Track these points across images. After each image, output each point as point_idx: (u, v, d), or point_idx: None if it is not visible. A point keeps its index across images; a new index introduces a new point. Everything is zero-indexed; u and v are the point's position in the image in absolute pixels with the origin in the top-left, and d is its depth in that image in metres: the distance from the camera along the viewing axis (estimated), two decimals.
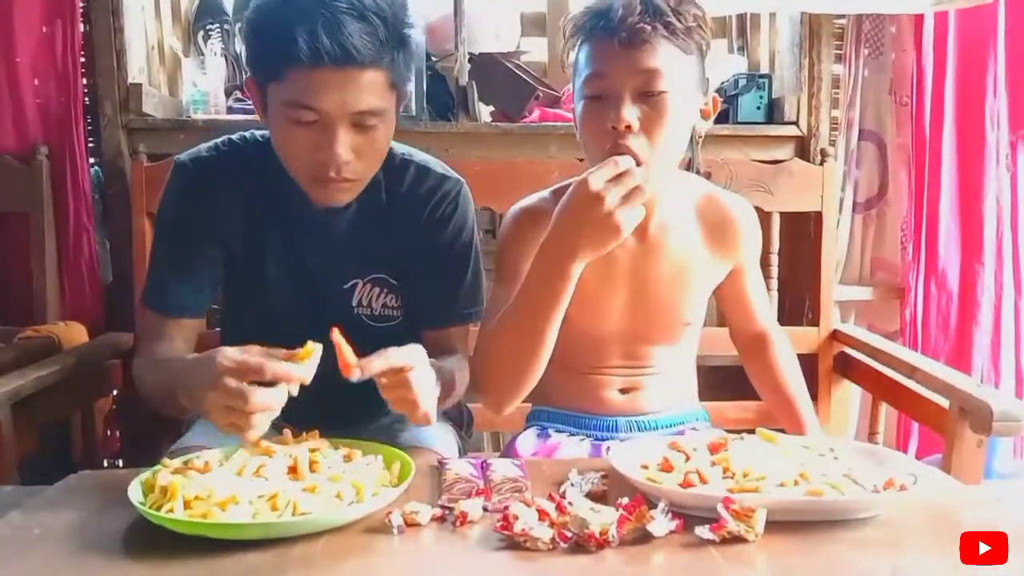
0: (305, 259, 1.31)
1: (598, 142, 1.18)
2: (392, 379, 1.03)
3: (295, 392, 0.97)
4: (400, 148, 1.33)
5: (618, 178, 1.07)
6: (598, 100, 1.18)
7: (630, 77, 1.16)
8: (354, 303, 1.33)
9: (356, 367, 1.02)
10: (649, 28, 1.15)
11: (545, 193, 1.35)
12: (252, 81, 1.20)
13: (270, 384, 0.96)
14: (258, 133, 1.33)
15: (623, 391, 1.38)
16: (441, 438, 1.39)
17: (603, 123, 1.17)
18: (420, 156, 1.35)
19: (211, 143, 1.33)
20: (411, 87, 1.34)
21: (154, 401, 1.21)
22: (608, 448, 1.32)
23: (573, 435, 1.38)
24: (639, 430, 1.36)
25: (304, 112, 1.12)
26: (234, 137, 1.34)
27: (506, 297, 1.23)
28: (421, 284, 1.33)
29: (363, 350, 1.25)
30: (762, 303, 1.47)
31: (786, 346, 1.47)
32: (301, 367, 0.97)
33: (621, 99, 1.16)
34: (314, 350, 0.98)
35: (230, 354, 0.97)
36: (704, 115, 1.27)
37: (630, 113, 1.15)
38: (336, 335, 0.99)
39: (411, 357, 1.05)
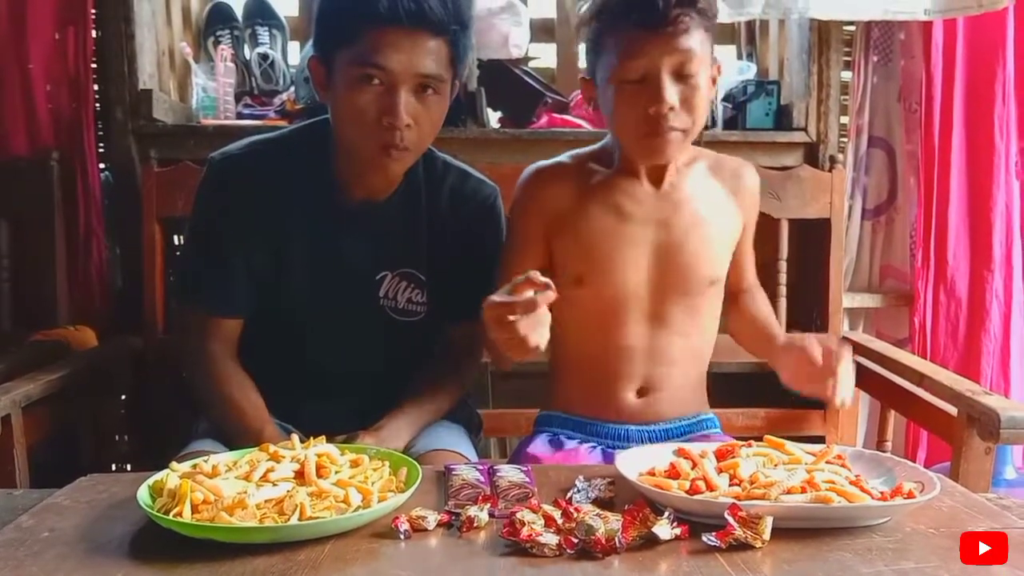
0: (338, 247, 1.34)
1: (636, 126, 1.23)
2: None
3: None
4: (440, 153, 1.40)
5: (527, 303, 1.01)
6: (634, 84, 1.21)
7: (668, 61, 1.20)
8: (380, 294, 1.35)
9: None
10: (687, 18, 1.19)
11: (564, 157, 1.36)
12: (316, 60, 1.26)
13: None
14: (296, 126, 1.35)
15: (639, 393, 1.35)
16: (461, 441, 1.40)
17: (642, 107, 1.21)
18: (459, 162, 1.42)
19: (246, 140, 1.36)
20: (463, 79, 1.39)
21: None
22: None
23: (584, 442, 1.35)
24: (651, 440, 1.33)
25: (371, 71, 1.18)
26: (272, 134, 1.37)
27: (515, 261, 1.26)
28: (453, 282, 1.36)
29: (383, 341, 1.31)
30: (752, 263, 1.47)
31: (763, 295, 1.47)
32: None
33: (660, 82, 1.20)
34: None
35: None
36: (712, 82, 1.28)
37: (671, 94, 1.20)
38: None
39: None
